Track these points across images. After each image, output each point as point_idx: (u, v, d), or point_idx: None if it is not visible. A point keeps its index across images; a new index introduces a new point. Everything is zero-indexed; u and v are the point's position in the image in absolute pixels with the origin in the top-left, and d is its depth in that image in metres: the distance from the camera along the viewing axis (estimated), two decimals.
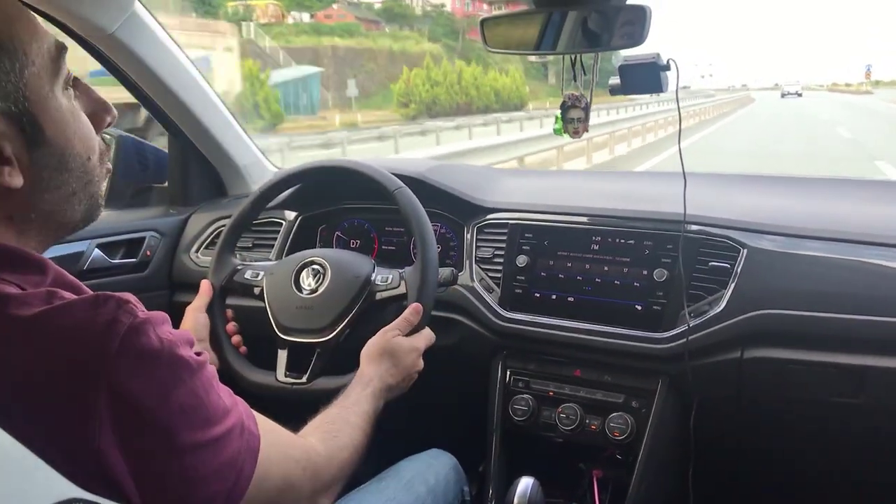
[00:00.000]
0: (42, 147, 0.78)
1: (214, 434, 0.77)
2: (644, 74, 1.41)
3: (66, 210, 0.83)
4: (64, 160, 0.80)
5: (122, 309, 0.73)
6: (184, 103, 1.90)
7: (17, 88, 0.75)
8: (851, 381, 1.35)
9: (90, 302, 0.74)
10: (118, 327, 0.71)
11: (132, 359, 0.71)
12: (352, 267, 1.49)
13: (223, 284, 1.54)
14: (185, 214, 2.02)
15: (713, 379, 1.43)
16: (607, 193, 1.81)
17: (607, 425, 1.48)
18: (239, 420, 0.82)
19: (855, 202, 1.73)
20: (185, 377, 0.76)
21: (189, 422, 0.75)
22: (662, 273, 1.47)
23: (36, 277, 0.78)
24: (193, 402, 0.76)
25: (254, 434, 0.84)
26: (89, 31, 1.65)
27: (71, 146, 0.81)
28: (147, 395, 0.72)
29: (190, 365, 0.77)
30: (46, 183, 0.79)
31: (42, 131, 0.77)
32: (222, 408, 0.80)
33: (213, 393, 0.80)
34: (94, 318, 0.72)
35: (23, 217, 0.79)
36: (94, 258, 1.77)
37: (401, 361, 1.35)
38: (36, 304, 0.72)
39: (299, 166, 1.66)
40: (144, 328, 0.73)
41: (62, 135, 0.80)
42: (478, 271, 1.66)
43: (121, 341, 0.71)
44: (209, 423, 0.77)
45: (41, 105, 0.77)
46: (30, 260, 0.79)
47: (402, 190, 1.50)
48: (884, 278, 1.40)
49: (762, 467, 1.60)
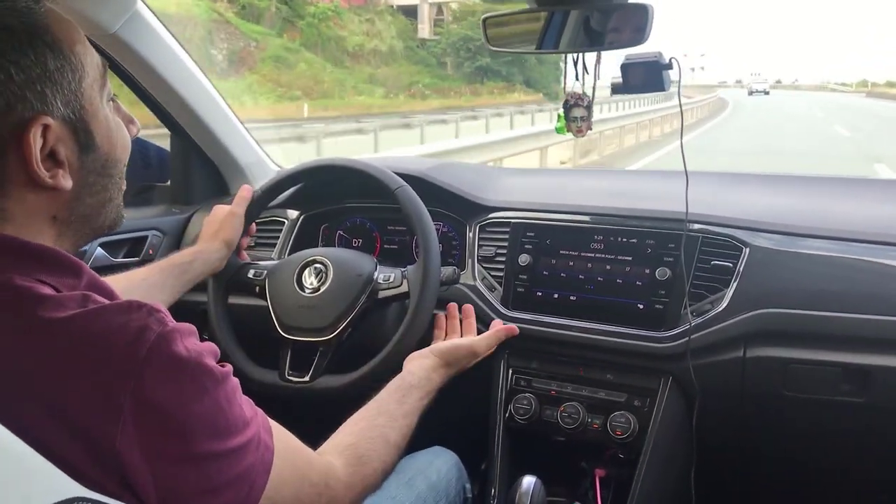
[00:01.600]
0: (91, 153, 0.83)
1: (232, 445, 0.78)
2: (646, 73, 1.41)
3: (101, 215, 0.89)
4: (107, 166, 0.86)
5: (153, 317, 0.76)
6: (186, 102, 1.90)
7: (77, 97, 0.81)
8: (855, 380, 1.35)
9: (123, 308, 0.76)
10: (148, 334, 0.73)
11: (160, 366, 0.73)
12: (354, 266, 1.49)
13: (227, 282, 1.55)
14: (188, 213, 2.02)
15: (716, 378, 1.43)
16: (609, 192, 1.81)
17: (609, 424, 1.48)
18: (256, 432, 0.83)
19: (857, 201, 1.73)
20: (210, 387, 0.77)
21: (209, 431, 0.76)
22: (665, 272, 1.47)
23: (71, 280, 0.80)
24: (215, 412, 0.77)
25: (269, 447, 0.84)
26: (91, 30, 1.65)
27: (114, 153, 0.87)
28: (171, 402, 0.73)
29: (214, 375, 0.78)
30: (90, 187, 0.85)
31: (93, 138, 0.83)
32: (242, 419, 0.81)
33: (234, 404, 0.80)
34: (126, 324, 0.74)
35: (64, 219, 0.83)
36: (96, 257, 1.78)
37: (457, 359, 1.42)
38: (71, 306, 0.74)
39: (300, 165, 1.67)
40: (173, 337, 0.75)
41: (108, 142, 0.86)
42: (480, 270, 1.66)
43: (150, 348, 0.73)
44: (229, 433, 0.78)
45: (93, 113, 0.83)
46: (66, 262, 0.81)
47: (403, 189, 1.50)
48: (888, 277, 1.39)
49: (765, 466, 1.60)
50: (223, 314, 1.53)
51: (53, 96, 0.78)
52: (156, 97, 1.88)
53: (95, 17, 1.62)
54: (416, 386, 1.26)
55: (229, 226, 1.52)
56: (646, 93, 1.47)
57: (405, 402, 1.21)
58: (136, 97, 1.90)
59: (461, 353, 1.42)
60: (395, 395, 1.22)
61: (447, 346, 1.41)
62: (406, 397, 1.22)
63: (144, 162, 2.08)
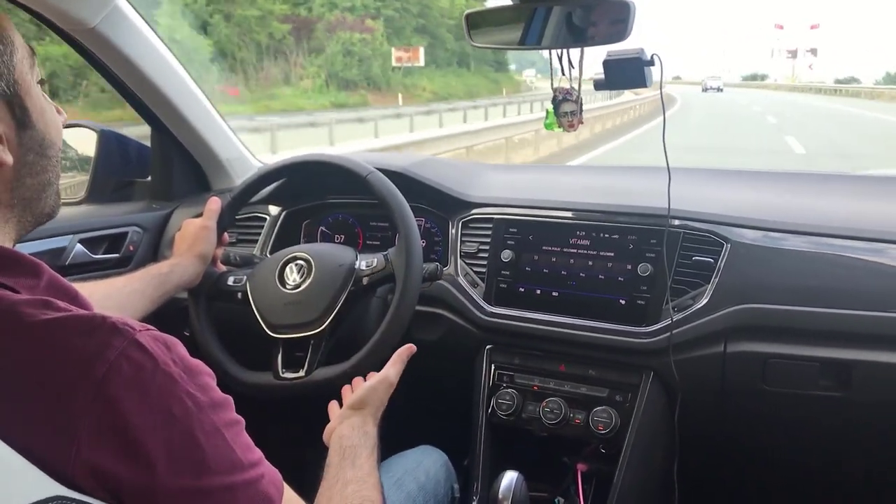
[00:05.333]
0: (28, 130, 0.81)
1: (207, 485, 0.71)
2: (628, 69, 1.41)
3: (42, 199, 0.85)
4: (44, 146, 0.83)
5: (118, 332, 0.70)
6: (167, 98, 1.88)
7: (9, 71, 0.78)
8: (834, 374, 1.37)
9: (85, 321, 0.71)
10: (109, 353, 0.68)
11: (119, 385, 0.68)
12: (335, 257, 1.49)
13: (207, 293, 1.54)
14: (168, 209, 2.00)
15: (697, 373, 1.44)
16: (592, 188, 1.81)
17: (591, 419, 1.48)
18: (252, 480, 0.75)
19: (838, 197, 1.75)
20: (177, 413, 0.70)
21: (174, 462, 0.69)
22: (646, 268, 1.48)
23: (30, 280, 0.76)
24: (183, 442, 0.70)
25: (271, 502, 0.76)
26: (70, 25, 1.63)
27: (49, 134, 0.84)
28: (130, 423, 0.67)
29: (184, 402, 0.71)
30: (30, 167, 0.82)
31: (29, 115, 0.81)
32: (228, 459, 0.73)
33: (216, 438, 0.72)
34: (85, 341, 0.69)
35: (6, 202, 0.80)
36: (76, 253, 1.76)
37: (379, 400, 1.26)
38: (29, 313, 0.70)
39: (266, 167, 1.65)
40: (137, 355, 0.70)
41: (43, 121, 0.83)
42: (462, 266, 1.66)
43: (109, 366, 0.68)
44: (203, 471, 0.70)
45: (27, 90, 0.81)
46: (24, 262, 0.78)
47: (373, 174, 1.50)
48: (867, 272, 1.41)
49: (747, 460, 1.61)
50: (207, 326, 1.52)
51: None
52: (136, 92, 1.86)
53: (74, 11, 1.60)
54: (359, 445, 1.13)
55: (203, 240, 1.50)
56: (628, 88, 1.48)
57: (359, 465, 1.10)
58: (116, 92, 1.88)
59: (378, 391, 1.25)
60: (346, 463, 1.09)
61: (360, 394, 1.24)
62: (357, 459, 1.10)
63: (124, 158, 2.06)
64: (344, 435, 1.16)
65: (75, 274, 1.73)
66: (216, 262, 1.58)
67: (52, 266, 0.81)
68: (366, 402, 1.23)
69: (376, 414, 1.23)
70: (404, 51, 40.23)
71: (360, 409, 1.22)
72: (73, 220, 1.82)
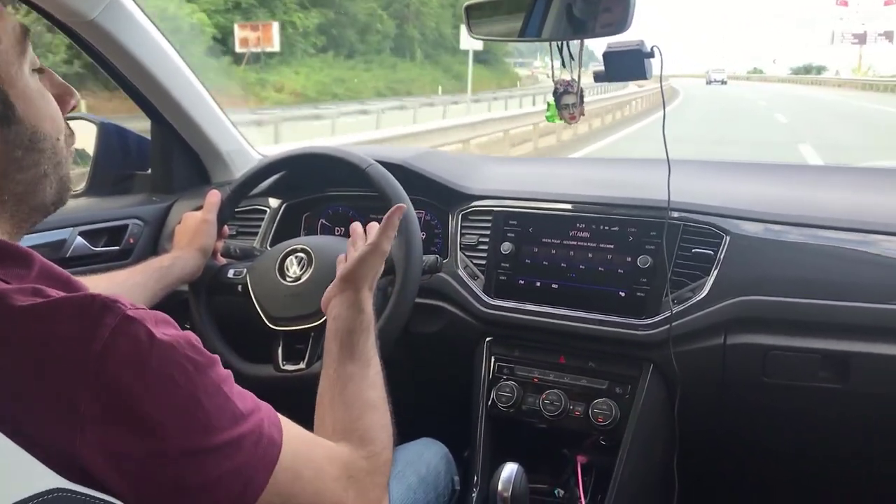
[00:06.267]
0: (14, 125, 0.77)
1: (216, 441, 0.72)
2: (628, 61, 1.41)
3: (38, 192, 0.82)
4: (35, 139, 0.80)
5: (108, 309, 0.70)
6: (166, 90, 1.88)
7: None
8: (834, 366, 1.37)
9: (76, 302, 0.71)
10: (102, 330, 0.69)
11: (118, 360, 0.68)
12: (335, 249, 1.49)
13: (207, 286, 1.54)
14: (168, 202, 2.00)
15: (697, 365, 1.44)
16: (592, 180, 1.81)
17: (591, 411, 1.49)
18: (254, 428, 0.76)
19: (838, 189, 1.75)
20: (179, 379, 0.71)
21: (183, 427, 0.71)
22: (646, 260, 1.48)
23: (21, 270, 0.76)
24: (189, 406, 0.71)
25: (274, 443, 0.78)
26: (69, 17, 1.63)
27: (41, 126, 0.81)
28: (134, 397, 0.68)
29: (185, 367, 0.72)
30: (18, 163, 0.78)
31: (13, 109, 0.77)
32: (231, 413, 0.75)
33: (218, 397, 0.74)
34: (78, 322, 0.69)
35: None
36: (76, 246, 1.76)
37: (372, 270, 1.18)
38: (19, 300, 0.70)
39: (265, 160, 1.65)
40: (132, 329, 0.70)
41: (33, 114, 0.79)
42: (462, 259, 1.66)
43: (104, 344, 0.68)
44: (210, 428, 0.72)
45: (11, 83, 0.77)
46: (13, 252, 0.77)
47: (373, 166, 1.50)
48: (866, 265, 1.41)
49: (747, 452, 1.62)
50: (208, 319, 1.52)
51: None
52: (136, 85, 1.86)
53: (73, 3, 1.59)
54: (355, 329, 1.08)
55: (203, 233, 1.51)
56: (628, 81, 1.48)
57: (358, 353, 1.06)
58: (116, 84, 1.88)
59: (368, 262, 1.16)
60: (344, 353, 1.06)
61: (350, 266, 1.16)
62: (354, 348, 1.06)
63: (124, 150, 2.06)
64: (338, 315, 1.12)
65: (76, 266, 1.73)
66: (216, 255, 1.58)
67: (52, 259, 0.81)
68: (357, 274, 1.15)
69: (371, 285, 1.17)
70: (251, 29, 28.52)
71: (352, 281, 1.15)
72: (73, 212, 1.82)
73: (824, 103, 32.40)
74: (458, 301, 1.63)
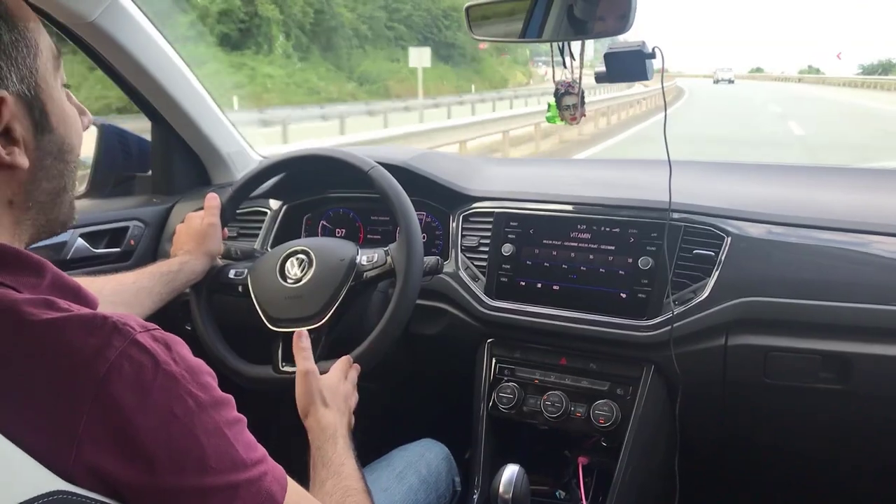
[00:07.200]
0: (47, 134, 0.80)
1: (209, 483, 0.71)
2: (629, 62, 1.41)
3: (57, 205, 0.84)
4: (63, 151, 0.83)
5: (118, 332, 0.70)
6: (167, 92, 1.88)
7: (32, 74, 0.78)
8: (834, 367, 1.37)
9: (86, 321, 0.71)
10: (109, 352, 0.69)
11: (120, 385, 0.68)
12: (336, 251, 1.49)
13: (208, 286, 1.54)
14: (169, 204, 2.00)
15: (698, 366, 1.44)
16: (592, 181, 1.81)
17: (592, 413, 1.48)
18: (254, 478, 0.75)
19: (839, 190, 1.75)
20: (179, 413, 0.70)
21: (176, 462, 0.70)
22: (647, 261, 1.48)
23: (33, 279, 0.76)
24: (185, 442, 0.70)
25: (273, 500, 0.76)
26: (69, 18, 1.63)
27: (70, 138, 0.84)
28: (132, 424, 0.68)
29: (186, 402, 0.71)
30: (47, 170, 0.81)
31: (48, 119, 0.80)
32: (230, 459, 0.73)
33: (219, 438, 0.73)
34: (86, 340, 0.69)
35: (20, 204, 0.79)
36: (77, 248, 1.76)
37: (338, 395, 1.22)
38: (30, 312, 0.70)
39: (267, 161, 1.65)
40: (138, 355, 0.70)
41: (63, 125, 0.82)
42: (463, 260, 1.66)
43: (109, 367, 0.68)
44: (205, 469, 0.71)
45: (48, 94, 0.80)
46: (27, 261, 0.77)
47: (375, 169, 1.50)
48: (868, 266, 1.41)
49: (748, 453, 1.62)
50: (209, 320, 1.52)
51: (8, 70, 0.75)
52: (136, 86, 1.86)
53: (73, 4, 1.59)
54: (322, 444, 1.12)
55: (211, 237, 1.51)
56: (629, 81, 1.47)
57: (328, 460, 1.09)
58: (116, 86, 1.88)
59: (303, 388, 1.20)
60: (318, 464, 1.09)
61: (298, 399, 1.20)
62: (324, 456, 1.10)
63: (125, 152, 2.06)
64: (310, 428, 1.16)
65: (77, 268, 1.73)
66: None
67: (53, 261, 0.81)
68: (302, 403, 1.19)
69: (323, 399, 1.19)
70: None
71: (303, 409, 1.19)
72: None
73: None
74: (459, 302, 1.62)
